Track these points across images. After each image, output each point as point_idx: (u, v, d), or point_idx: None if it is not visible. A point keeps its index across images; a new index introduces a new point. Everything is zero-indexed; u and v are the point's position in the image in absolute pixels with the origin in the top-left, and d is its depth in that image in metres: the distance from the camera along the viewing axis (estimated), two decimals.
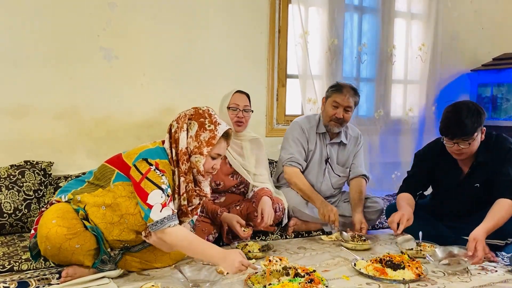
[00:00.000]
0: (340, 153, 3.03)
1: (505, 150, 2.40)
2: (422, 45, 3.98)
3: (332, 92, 2.89)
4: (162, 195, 1.91)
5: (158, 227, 1.89)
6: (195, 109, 2.06)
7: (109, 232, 1.97)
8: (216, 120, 2.04)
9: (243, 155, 2.78)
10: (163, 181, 1.93)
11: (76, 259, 1.92)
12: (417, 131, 4.01)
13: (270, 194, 2.69)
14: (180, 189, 2.03)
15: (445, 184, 2.60)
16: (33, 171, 2.67)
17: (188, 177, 2.02)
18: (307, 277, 1.89)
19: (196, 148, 1.99)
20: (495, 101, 4.15)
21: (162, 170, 1.96)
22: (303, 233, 2.87)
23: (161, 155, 2.00)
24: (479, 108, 2.38)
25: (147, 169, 1.93)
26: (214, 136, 1.99)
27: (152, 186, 1.91)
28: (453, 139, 2.34)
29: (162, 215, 1.89)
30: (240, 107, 2.69)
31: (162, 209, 1.89)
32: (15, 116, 2.76)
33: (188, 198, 2.05)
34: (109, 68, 2.97)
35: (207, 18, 3.24)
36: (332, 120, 2.88)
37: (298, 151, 2.91)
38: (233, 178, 2.76)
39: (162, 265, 2.18)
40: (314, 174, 2.98)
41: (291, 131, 2.97)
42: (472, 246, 2.16)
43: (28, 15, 2.74)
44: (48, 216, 1.89)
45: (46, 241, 1.84)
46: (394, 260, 2.15)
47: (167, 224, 1.89)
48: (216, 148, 2.02)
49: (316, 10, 3.55)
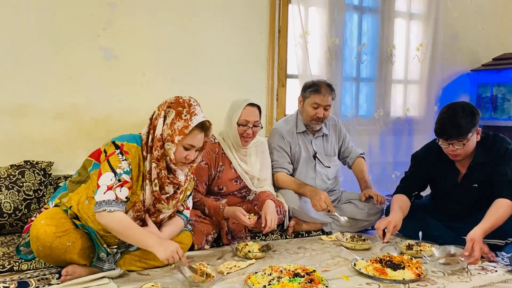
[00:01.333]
0: (325, 144, 3.11)
1: (503, 150, 2.40)
2: (422, 45, 3.99)
3: (310, 93, 2.92)
4: (112, 178, 1.92)
5: (96, 208, 1.90)
6: (177, 98, 2.07)
7: (98, 224, 1.98)
8: (194, 111, 2.02)
9: (248, 161, 2.78)
10: (120, 165, 1.95)
11: (70, 258, 1.93)
12: (417, 131, 4.02)
13: (274, 198, 2.69)
14: (152, 175, 2.03)
15: (443, 185, 2.60)
16: (33, 171, 2.67)
17: (161, 164, 2.02)
18: (307, 277, 1.89)
19: (169, 135, 2.00)
20: (495, 101, 4.16)
21: (126, 152, 1.98)
22: (303, 233, 2.87)
23: (130, 139, 2.03)
24: (474, 108, 2.39)
25: (112, 152, 1.97)
26: (187, 126, 1.99)
27: (107, 168, 1.93)
28: (448, 140, 2.35)
29: (103, 198, 1.89)
30: (250, 124, 2.64)
31: (106, 191, 1.90)
32: (15, 116, 2.76)
33: (161, 185, 2.05)
34: (109, 68, 2.97)
35: (207, 18, 3.24)
36: (313, 120, 2.94)
37: (280, 156, 2.95)
38: (236, 183, 2.77)
39: (162, 263, 2.17)
40: (305, 172, 3.01)
41: (271, 139, 3.01)
42: (469, 246, 2.16)
43: (28, 15, 2.74)
44: (38, 219, 1.93)
45: (37, 241, 1.87)
46: (394, 260, 2.15)
47: (103, 207, 1.89)
48: (189, 139, 2.02)
49: (316, 10, 3.55)
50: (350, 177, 3.42)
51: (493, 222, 2.23)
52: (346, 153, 3.18)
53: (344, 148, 3.18)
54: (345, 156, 3.19)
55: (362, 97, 3.86)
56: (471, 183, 2.49)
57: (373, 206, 2.92)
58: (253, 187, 2.78)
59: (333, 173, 3.13)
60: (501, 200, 2.27)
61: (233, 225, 2.62)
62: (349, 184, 3.50)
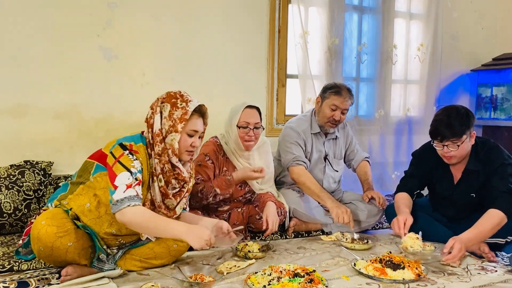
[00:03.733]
0: (335, 147, 3.10)
1: (497, 164, 2.39)
2: (422, 45, 3.98)
3: (331, 94, 2.90)
4: (129, 177, 1.91)
5: (118, 207, 1.86)
6: (167, 93, 2.08)
7: (99, 227, 1.99)
8: (188, 99, 2.05)
9: (252, 163, 2.75)
10: (133, 164, 1.94)
11: (71, 258, 1.93)
12: (418, 131, 4.01)
13: (275, 199, 2.69)
14: (156, 171, 2.03)
15: (439, 188, 2.61)
16: (33, 171, 2.67)
17: (163, 158, 2.02)
18: (307, 277, 1.89)
19: (171, 126, 2.01)
20: (495, 101, 4.16)
21: (135, 151, 1.98)
22: (303, 233, 2.87)
23: (136, 140, 2.03)
24: (469, 111, 2.40)
25: (121, 153, 1.96)
26: (186, 112, 2.01)
27: (122, 169, 1.92)
28: (442, 141, 2.36)
29: (124, 195, 1.87)
30: (250, 125, 2.61)
31: (126, 190, 1.89)
32: (15, 116, 2.76)
33: (167, 180, 2.06)
34: (109, 68, 2.97)
35: (207, 18, 3.24)
36: (329, 121, 2.92)
37: (298, 151, 2.93)
38: (241, 188, 2.75)
39: (162, 262, 2.18)
40: (315, 173, 2.99)
41: (288, 136, 2.97)
42: (449, 244, 2.15)
43: (28, 14, 2.74)
44: (38, 220, 1.91)
45: (38, 242, 1.86)
46: (394, 260, 2.15)
47: (126, 203, 1.86)
48: (191, 124, 2.03)
49: (316, 10, 3.55)
50: (350, 177, 3.43)
51: (480, 230, 2.24)
52: (352, 156, 3.16)
53: (350, 151, 3.16)
54: (350, 159, 3.17)
55: (362, 97, 3.85)
56: (466, 189, 2.51)
57: (374, 208, 2.92)
58: (257, 189, 2.77)
59: (339, 177, 3.14)
60: (493, 211, 2.28)
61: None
62: (349, 184, 3.50)
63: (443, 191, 2.60)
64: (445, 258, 2.16)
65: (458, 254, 2.14)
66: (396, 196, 2.64)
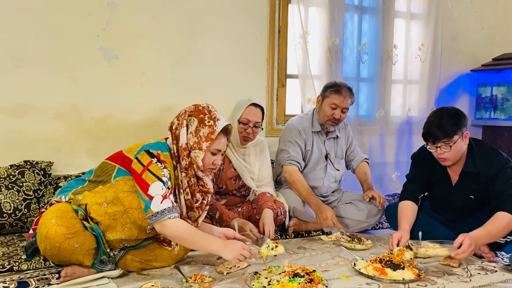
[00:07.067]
0: (336, 146, 3.10)
1: (497, 168, 2.39)
2: (422, 45, 3.98)
3: (331, 93, 2.90)
4: (162, 187, 1.93)
5: (158, 218, 1.90)
6: (195, 106, 2.09)
7: (112, 228, 1.98)
8: (216, 116, 2.06)
9: (247, 160, 2.78)
10: (163, 173, 1.96)
11: (76, 259, 1.92)
12: (418, 131, 4.00)
13: (272, 203, 2.66)
14: (183, 184, 2.06)
15: (438, 189, 2.61)
16: (33, 171, 2.67)
17: (189, 172, 2.05)
18: (306, 277, 1.89)
19: (196, 143, 2.02)
20: (495, 101, 4.16)
21: (164, 161, 1.99)
22: (303, 233, 2.87)
23: (162, 148, 2.03)
24: (460, 112, 2.41)
25: (149, 161, 1.96)
26: (213, 131, 2.02)
27: (153, 178, 1.93)
28: (435, 142, 2.36)
29: (163, 206, 1.90)
30: (251, 123, 2.64)
31: (163, 200, 1.91)
32: (15, 116, 2.76)
33: (192, 193, 2.09)
34: (109, 68, 2.97)
35: (207, 18, 3.24)
36: (329, 120, 2.92)
37: (295, 151, 2.93)
38: (236, 182, 2.77)
39: (162, 264, 2.18)
40: (316, 172, 3.00)
41: (288, 134, 2.98)
42: (459, 239, 2.16)
43: (28, 14, 2.74)
44: (48, 215, 1.89)
45: (46, 240, 1.84)
46: (394, 260, 2.15)
47: (167, 215, 1.90)
48: (216, 144, 2.05)
49: (316, 10, 3.55)
50: (350, 177, 3.43)
51: (489, 229, 2.24)
52: (351, 157, 3.16)
53: (350, 152, 3.17)
54: (350, 160, 3.17)
55: (362, 97, 3.85)
56: (464, 191, 2.50)
57: (374, 208, 2.92)
58: (254, 186, 2.77)
59: (340, 176, 3.14)
60: (501, 213, 2.28)
61: None
62: (349, 184, 3.50)
63: (442, 193, 2.59)
64: (455, 253, 2.16)
65: (468, 249, 2.14)
66: (400, 206, 2.59)
